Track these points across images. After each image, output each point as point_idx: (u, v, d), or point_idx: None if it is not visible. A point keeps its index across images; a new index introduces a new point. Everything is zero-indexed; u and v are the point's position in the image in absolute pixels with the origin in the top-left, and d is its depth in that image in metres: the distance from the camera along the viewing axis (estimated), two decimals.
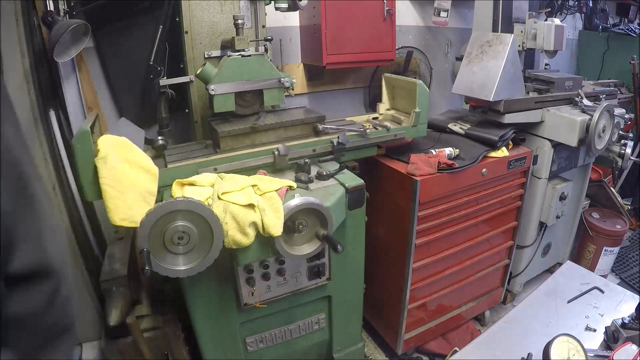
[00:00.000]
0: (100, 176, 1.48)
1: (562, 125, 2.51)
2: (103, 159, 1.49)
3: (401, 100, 2.32)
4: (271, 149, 1.84)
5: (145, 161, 1.59)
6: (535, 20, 2.69)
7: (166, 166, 1.74)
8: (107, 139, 1.54)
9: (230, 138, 1.86)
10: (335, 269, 1.98)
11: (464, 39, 3.42)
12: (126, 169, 1.53)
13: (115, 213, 1.49)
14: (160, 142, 1.82)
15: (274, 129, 1.94)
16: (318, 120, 2.01)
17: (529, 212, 2.75)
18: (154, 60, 2.07)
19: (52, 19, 2.06)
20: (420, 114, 2.11)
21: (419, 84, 2.06)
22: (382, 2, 2.76)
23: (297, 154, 1.89)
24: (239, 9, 2.15)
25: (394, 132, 2.10)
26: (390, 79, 2.35)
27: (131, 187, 1.53)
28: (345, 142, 1.92)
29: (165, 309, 2.19)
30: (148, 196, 1.57)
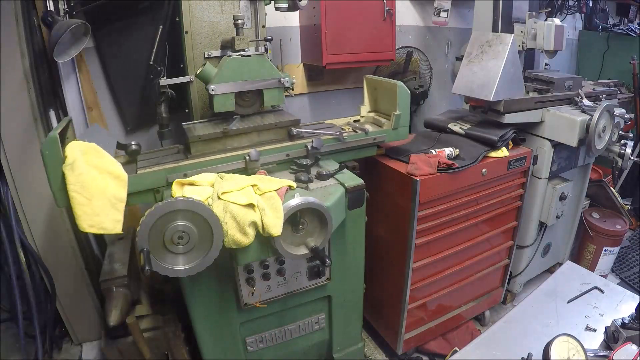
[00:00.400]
0: (68, 183, 1.46)
1: (562, 125, 2.50)
2: (70, 165, 1.47)
3: (383, 102, 2.27)
4: (242, 154, 1.79)
5: (115, 167, 1.58)
6: (535, 20, 2.69)
7: (137, 172, 1.71)
8: (75, 145, 1.53)
9: (200, 143, 1.83)
10: (335, 269, 1.98)
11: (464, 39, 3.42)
12: (94, 175, 1.52)
13: (83, 220, 1.48)
14: (133, 147, 1.80)
15: (246, 133, 1.90)
16: (292, 124, 1.97)
17: (529, 212, 2.75)
18: (154, 60, 2.07)
19: (52, 19, 2.07)
20: (400, 117, 2.06)
21: (399, 85, 2.01)
22: (382, 2, 2.78)
23: (270, 159, 1.85)
24: (239, 9, 2.15)
25: (372, 136, 2.05)
26: (371, 80, 2.30)
27: (99, 193, 1.51)
28: (319, 147, 1.89)
29: (165, 309, 2.20)
30: (117, 202, 1.55)
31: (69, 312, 2.59)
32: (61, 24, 1.99)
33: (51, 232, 2.40)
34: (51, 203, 2.32)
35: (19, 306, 2.38)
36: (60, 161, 1.48)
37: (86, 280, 2.53)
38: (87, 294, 2.56)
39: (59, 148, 1.48)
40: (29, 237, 2.38)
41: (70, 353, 2.66)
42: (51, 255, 2.44)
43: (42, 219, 2.37)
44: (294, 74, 2.28)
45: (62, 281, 2.48)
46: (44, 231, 2.40)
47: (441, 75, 3.66)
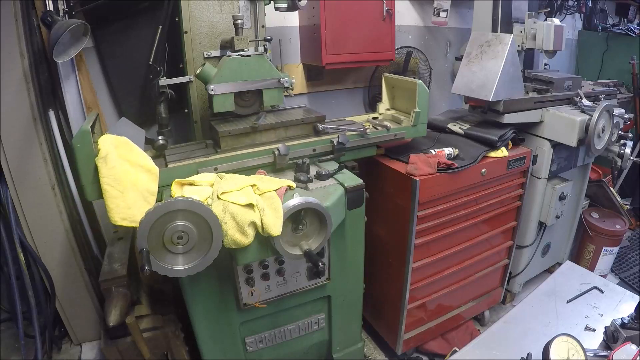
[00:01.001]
0: (101, 176, 1.49)
1: (561, 125, 2.51)
2: (104, 158, 1.49)
3: (401, 100, 2.33)
4: (271, 148, 1.84)
5: (146, 161, 1.60)
6: (534, 20, 2.69)
7: (166, 166, 1.74)
8: (108, 139, 1.54)
9: (230, 138, 1.86)
10: (335, 269, 1.98)
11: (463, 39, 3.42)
12: (127, 169, 1.54)
13: (115, 212, 1.50)
14: (160, 142, 1.83)
15: (274, 128, 1.94)
16: (318, 120, 2.01)
17: (529, 212, 2.75)
18: (154, 60, 2.07)
19: (51, 19, 2.06)
20: (420, 114, 2.11)
21: (419, 84, 2.06)
22: (382, 2, 2.78)
23: (298, 154, 1.89)
24: (238, 9, 2.15)
25: (393, 132, 2.10)
26: (390, 79, 2.35)
27: (131, 186, 1.53)
28: (345, 142, 1.92)
29: (165, 309, 2.19)
30: (148, 196, 1.58)
31: (69, 312, 2.59)
32: (60, 24, 1.99)
33: (50, 232, 2.40)
34: (50, 203, 2.32)
35: (19, 306, 2.38)
36: (91, 155, 1.51)
37: (85, 280, 2.53)
38: (86, 294, 2.55)
39: (91, 141, 1.51)
40: (29, 237, 2.37)
41: (70, 353, 2.66)
42: (50, 256, 2.43)
43: (41, 219, 2.37)
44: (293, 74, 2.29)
45: (61, 281, 2.48)
46: (43, 231, 2.39)
47: (440, 75, 3.66)
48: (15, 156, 2.25)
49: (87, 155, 1.50)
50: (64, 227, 2.40)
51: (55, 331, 2.67)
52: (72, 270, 2.49)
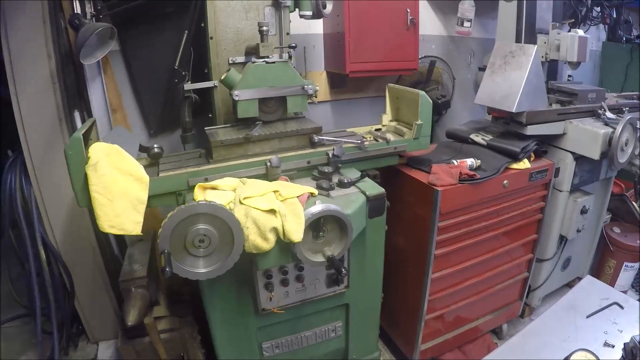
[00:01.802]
0: (90, 183, 1.50)
1: (584, 137, 2.48)
2: (93, 166, 1.50)
3: (405, 112, 2.27)
4: (264, 160, 1.80)
5: (137, 169, 1.61)
6: (558, 31, 2.66)
7: (158, 174, 1.74)
8: (99, 147, 1.56)
9: (223, 148, 1.85)
10: (354, 277, 1.97)
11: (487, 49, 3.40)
12: (117, 177, 1.55)
13: (104, 220, 1.52)
14: (155, 150, 1.84)
15: (268, 139, 1.92)
16: (314, 132, 1.97)
17: (550, 225, 2.71)
18: (179, 64, 2.09)
19: (79, 21, 2.10)
20: (422, 126, 2.05)
21: (421, 95, 2.01)
22: (406, 12, 2.78)
23: (291, 166, 1.87)
24: (263, 15, 2.16)
25: (393, 145, 2.05)
26: (393, 90, 2.30)
27: (121, 195, 1.54)
28: (340, 155, 1.89)
29: (183, 311, 2.21)
30: (138, 204, 1.58)
31: (87, 311, 2.62)
32: (88, 27, 2.03)
33: (72, 231, 2.44)
34: (73, 203, 2.36)
35: (38, 303, 2.42)
36: (84, 161, 1.51)
37: (105, 279, 2.56)
38: (105, 293, 2.59)
39: (83, 149, 1.51)
40: (50, 235, 2.42)
41: (87, 351, 2.70)
42: (71, 254, 2.47)
43: (64, 218, 2.41)
44: (317, 82, 2.30)
45: (81, 280, 2.52)
46: (65, 230, 2.44)
47: (464, 85, 3.65)
48: (40, 155, 2.30)
49: (79, 162, 1.51)
50: (86, 227, 2.44)
51: (73, 328, 2.71)
52: (92, 269, 2.53)
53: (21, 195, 2.36)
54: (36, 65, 2.20)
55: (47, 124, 2.28)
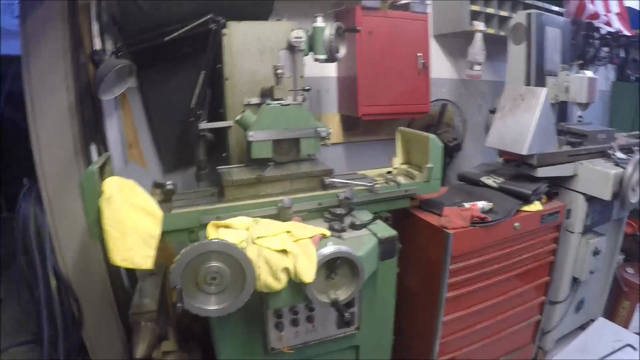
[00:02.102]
0: (103, 217, 1.52)
1: (595, 178, 2.48)
2: (107, 200, 1.53)
3: (415, 154, 2.28)
4: (275, 200, 1.81)
5: (150, 205, 1.63)
6: (567, 72, 2.70)
7: (171, 211, 1.76)
8: (113, 181, 1.59)
9: (234, 187, 1.87)
10: (365, 318, 1.95)
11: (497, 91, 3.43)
12: (129, 212, 1.57)
13: (115, 253, 1.53)
14: (169, 187, 1.88)
15: (280, 180, 1.95)
16: (325, 174, 2.00)
17: (562, 267, 2.68)
18: (195, 104, 2.14)
19: (99, 57, 2.17)
20: (433, 169, 2.06)
21: (431, 138, 2.03)
22: (417, 56, 2.84)
23: (303, 207, 1.88)
24: (278, 58, 2.22)
25: (404, 188, 2.06)
26: (404, 133, 2.33)
27: (133, 229, 1.56)
28: (351, 197, 1.90)
29: (192, 347, 2.20)
30: (149, 239, 1.60)
31: (94, 341, 2.60)
32: (107, 63, 2.09)
33: (83, 262, 2.45)
34: (85, 234, 2.37)
35: (46, 330, 2.42)
36: (98, 195, 1.54)
37: (114, 311, 2.55)
38: (114, 325, 2.57)
39: (97, 182, 1.55)
40: (62, 264, 2.43)
41: None
42: (81, 284, 2.47)
43: (76, 249, 2.43)
44: (330, 124, 2.33)
45: (90, 310, 2.51)
46: (76, 260, 2.44)
47: (475, 128, 3.67)
48: (55, 185, 2.32)
49: (93, 195, 1.54)
50: (97, 259, 2.44)
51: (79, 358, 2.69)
52: (101, 301, 2.52)
53: (34, 224, 2.39)
54: (55, 97, 2.25)
55: (63, 155, 2.31)
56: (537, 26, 2.68)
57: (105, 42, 2.33)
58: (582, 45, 3.17)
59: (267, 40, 2.23)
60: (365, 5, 2.64)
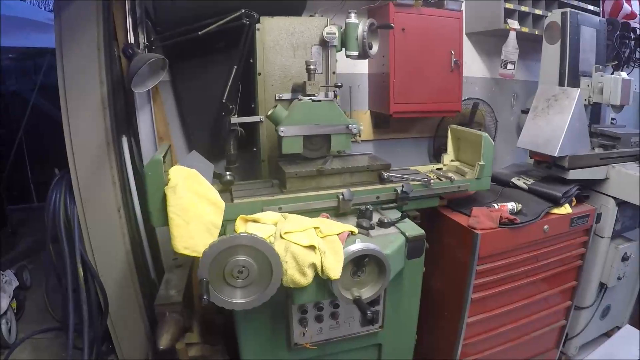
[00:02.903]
0: (169, 204, 1.56)
1: (627, 183, 2.43)
2: (173, 188, 1.57)
3: (466, 152, 2.31)
4: (336, 192, 1.86)
5: (213, 194, 1.67)
6: (601, 74, 2.64)
7: (232, 201, 1.80)
8: (178, 170, 1.62)
9: (296, 179, 1.90)
10: (389, 317, 1.95)
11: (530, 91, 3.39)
12: (194, 200, 1.61)
13: (179, 241, 1.56)
14: (228, 178, 1.91)
15: (339, 173, 1.97)
16: (383, 168, 2.02)
17: (589, 272, 2.64)
18: (227, 98, 2.15)
19: (132, 51, 2.21)
20: (484, 167, 2.08)
21: (484, 137, 2.05)
22: (450, 54, 2.81)
23: (361, 200, 1.90)
24: (311, 54, 2.23)
25: (457, 184, 2.08)
26: (456, 131, 2.35)
27: (197, 217, 1.59)
28: (409, 191, 1.92)
29: (215, 340, 2.22)
30: (212, 228, 1.63)
31: (119, 331, 2.65)
32: (141, 57, 2.12)
33: (111, 252, 2.49)
34: (114, 224, 2.43)
35: (72, 318, 2.47)
36: (161, 183, 1.58)
37: (139, 302, 2.59)
38: (138, 316, 2.62)
39: (162, 170, 1.59)
40: (90, 254, 2.47)
41: None
42: (109, 274, 2.52)
43: (104, 239, 2.47)
44: (361, 121, 2.34)
45: (116, 300, 2.56)
46: (104, 250, 2.49)
47: (506, 128, 3.64)
48: (86, 176, 2.36)
49: (157, 183, 1.58)
50: (125, 249, 2.49)
51: (103, 347, 2.74)
52: (127, 291, 2.56)
53: (64, 213, 2.44)
54: (89, 90, 2.29)
55: (95, 147, 2.35)
56: (572, 25, 2.62)
57: (138, 36, 2.36)
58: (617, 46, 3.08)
59: (300, 35, 2.24)
60: (399, 2, 2.63)
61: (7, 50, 5.33)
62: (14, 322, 3.04)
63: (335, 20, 2.35)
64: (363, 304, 1.61)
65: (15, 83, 5.62)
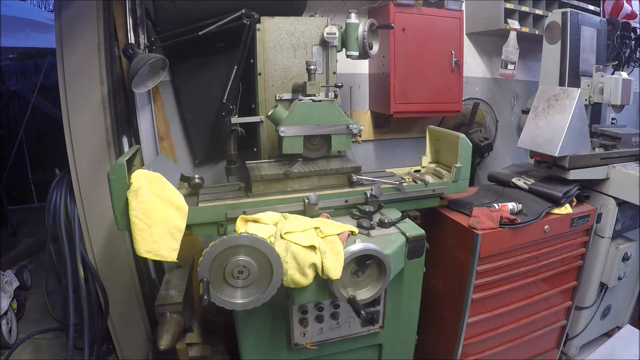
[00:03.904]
0: (131, 208, 1.55)
1: (627, 183, 2.42)
2: (135, 192, 1.56)
3: (445, 154, 2.26)
4: (302, 196, 1.83)
5: (177, 198, 1.66)
6: (602, 74, 2.64)
7: (197, 205, 1.78)
8: (141, 174, 1.62)
9: (262, 182, 1.88)
10: (389, 317, 1.95)
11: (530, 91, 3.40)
12: (156, 204, 1.60)
13: (141, 245, 1.56)
14: (196, 181, 1.90)
15: (307, 176, 1.94)
16: (353, 171, 1.98)
17: (590, 272, 2.63)
18: (227, 98, 2.15)
19: (132, 51, 2.20)
20: (461, 169, 2.04)
21: (461, 137, 2.00)
22: (451, 54, 2.81)
23: (329, 204, 1.88)
24: (311, 54, 2.23)
25: (432, 187, 2.04)
26: (434, 131, 2.31)
27: (159, 221, 1.59)
28: (378, 195, 1.89)
29: (215, 340, 2.23)
30: (175, 232, 1.63)
31: (119, 331, 2.65)
32: (141, 57, 2.11)
33: (111, 252, 2.50)
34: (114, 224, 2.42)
35: (72, 318, 2.47)
36: (126, 187, 1.57)
37: (140, 302, 2.59)
38: (138, 316, 2.62)
39: (125, 174, 1.58)
40: (90, 254, 2.48)
41: None
42: (109, 274, 2.52)
43: (105, 239, 2.47)
44: (361, 121, 2.33)
45: (116, 300, 2.56)
46: (104, 250, 2.49)
47: (506, 128, 3.64)
48: (86, 176, 2.37)
49: (121, 187, 1.57)
50: (125, 249, 2.49)
51: (104, 347, 2.75)
52: (127, 291, 2.57)
53: (65, 213, 2.44)
54: (89, 90, 2.29)
55: (95, 147, 2.35)
56: (572, 25, 2.63)
57: (139, 37, 2.36)
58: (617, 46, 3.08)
59: (300, 35, 2.24)
60: (399, 2, 2.63)
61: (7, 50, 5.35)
62: (14, 322, 3.04)
63: (336, 20, 2.35)
64: (357, 304, 1.61)
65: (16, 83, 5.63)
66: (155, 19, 2.26)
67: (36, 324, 3.18)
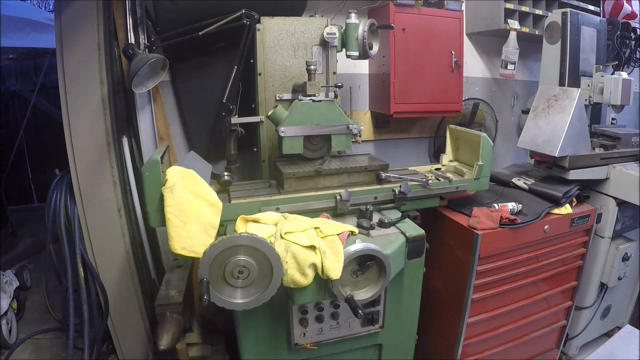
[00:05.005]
0: (166, 205, 1.56)
1: (627, 183, 2.43)
2: (170, 188, 1.56)
3: (465, 152, 2.31)
4: (333, 193, 1.86)
5: (211, 195, 1.66)
6: (602, 74, 2.65)
7: (230, 201, 1.80)
8: (176, 170, 1.62)
9: (294, 180, 1.91)
10: (389, 317, 1.95)
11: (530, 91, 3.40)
12: (191, 201, 1.60)
13: (176, 241, 1.56)
14: (226, 178, 1.91)
15: (337, 174, 1.97)
16: (381, 168, 2.02)
17: (590, 272, 2.64)
18: (227, 98, 2.15)
19: (132, 51, 2.19)
20: (483, 167, 2.08)
21: (483, 137, 2.05)
22: (451, 54, 2.81)
23: (359, 200, 1.90)
24: (311, 54, 2.23)
25: (455, 184, 2.08)
26: (455, 131, 2.35)
27: (194, 218, 1.59)
28: (407, 192, 1.92)
29: (215, 340, 2.22)
30: (210, 228, 1.63)
31: (119, 331, 2.65)
32: (141, 57, 2.11)
33: (111, 252, 2.49)
34: (115, 224, 2.43)
35: (72, 318, 2.47)
36: (159, 183, 1.58)
37: (140, 302, 2.59)
38: (138, 316, 2.61)
39: (160, 171, 1.59)
40: (90, 254, 2.47)
41: None
42: (109, 274, 2.52)
43: (105, 239, 2.47)
44: (361, 121, 2.33)
45: (116, 300, 2.56)
46: (104, 250, 2.49)
47: (507, 128, 3.64)
48: (86, 176, 2.36)
49: (155, 183, 1.58)
50: (125, 249, 2.49)
51: (104, 347, 2.75)
52: (127, 291, 2.56)
53: (65, 213, 2.44)
54: (89, 90, 2.29)
55: (95, 147, 2.35)
56: (572, 25, 2.63)
57: (139, 37, 2.36)
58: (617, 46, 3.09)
59: (300, 36, 2.25)
60: (399, 2, 2.63)
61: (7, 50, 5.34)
62: (14, 323, 3.04)
63: (336, 20, 2.35)
64: (354, 303, 1.61)
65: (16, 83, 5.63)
66: (155, 19, 2.26)
67: (36, 324, 3.17)
